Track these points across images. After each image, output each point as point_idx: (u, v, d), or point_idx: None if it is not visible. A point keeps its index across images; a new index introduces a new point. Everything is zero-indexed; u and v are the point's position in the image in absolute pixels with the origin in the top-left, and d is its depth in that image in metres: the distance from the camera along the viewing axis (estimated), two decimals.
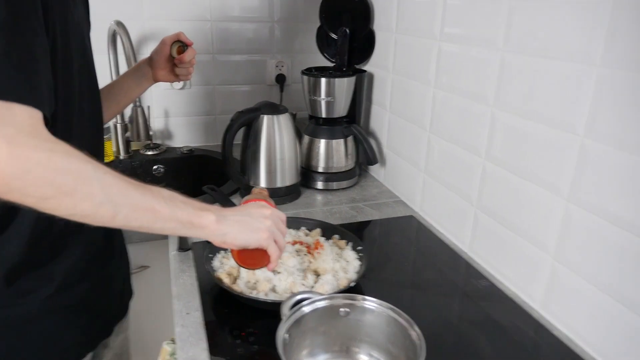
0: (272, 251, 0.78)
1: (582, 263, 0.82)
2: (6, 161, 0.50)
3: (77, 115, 0.77)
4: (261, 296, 0.89)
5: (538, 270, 0.92)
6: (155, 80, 1.12)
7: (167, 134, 1.81)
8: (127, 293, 1.03)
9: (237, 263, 0.81)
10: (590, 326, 0.82)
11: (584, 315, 0.83)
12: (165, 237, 1.21)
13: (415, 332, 0.68)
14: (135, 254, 1.21)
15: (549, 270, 0.90)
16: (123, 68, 1.56)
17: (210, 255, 0.99)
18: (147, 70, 1.11)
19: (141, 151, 1.73)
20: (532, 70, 0.89)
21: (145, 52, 1.64)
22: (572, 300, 0.85)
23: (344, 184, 1.50)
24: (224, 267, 0.97)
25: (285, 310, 0.72)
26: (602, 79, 0.75)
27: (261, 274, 0.93)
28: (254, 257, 0.79)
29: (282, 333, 0.66)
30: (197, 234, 0.70)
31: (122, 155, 1.67)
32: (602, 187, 0.77)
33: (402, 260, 1.11)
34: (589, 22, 0.76)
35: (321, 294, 0.76)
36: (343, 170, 1.49)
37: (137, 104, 1.59)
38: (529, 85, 0.90)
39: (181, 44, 1.08)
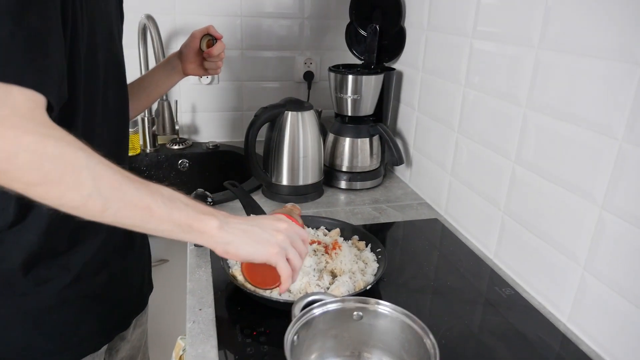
0: (282, 269, 0.68)
1: (614, 275, 0.77)
2: None
3: (101, 106, 0.77)
4: (274, 295, 0.87)
5: (566, 281, 0.87)
6: (185, 74, 1.12)
7: (193, 129, 1.82)
8: (146, 286, 1.03)
9: (244, 278, 0.74)
10: (620, 342, 0.77)
11: (614, 330, 0.78)
12: None
13: (430, 341, 0.64)
14: (155, 247, 1.21)
15: (578, 281, 0.84)
16: (153, 62, 1.57)
17: None
18: (177, 64, 1.11)
19: (167, 145, 1.74)
20: (568, 69, 0.84)
21: (176, 47, 1.64)
22: (602, 314, 0.80)
23: (368, 184, 1.46)
24: (239, 264, 0.95)
25: (296, 311, 0.70)
26: None
27: None
28: (263, 275, 0.72)
29: (290, 335, 0.64)
30: (196, 240, 0.64)
31: (148, 149, 1.69)
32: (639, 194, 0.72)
33: (424, 264, 1.07)
34: (631, 18, 0.71)
35: (334, 296, 0.73)
36: (367, 170, 1.46)
37: (164, 98, 1.60)
38: (565, 85, 0.85)
39: (210, 38, 1.08)
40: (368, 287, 0.88)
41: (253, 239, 0.67)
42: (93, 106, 0.75)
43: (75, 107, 0.70)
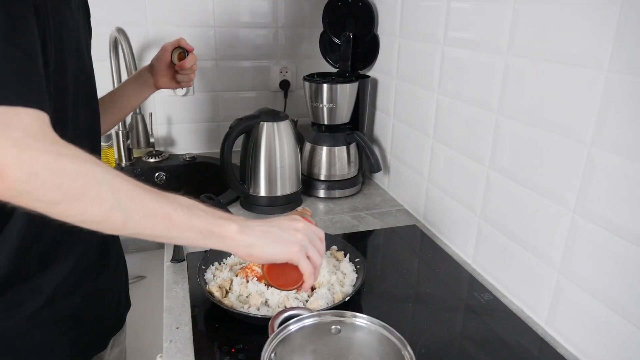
0: (305, 267, 0.70)
1: (588, 278, 0.78)
2: (14, 164, 0.48)
3: (71, 122, 0.76)
4: (252, 310, 0.86)
5: (543, 285, 0.88)
6: (157, 87, 1.11)
7: (169, 141, 1.80)
8: (123, 305, 1.00)
9: (268, 282, 0.74)
10: (597, 344, 0.78)
11: (590, 332, 0.79)
12: (161, 247, 1.19)
13: (408, 353, 0.64)
14: (132, 263, 1.19)
15: (554, 285, 0.85)
16: (125, 75, 1.54)
17: (203, 267, 0.97)
18: (148, 77, 1.09)
19: (143, 158, 1.71)
20: (537, 75, 0.85)
21: (148, 59, 1.61)
22: (578, 317, 0.81)
23: (347, 192, 1.46)
24: (216, 280, 0.94)
25: (273, 327, 0.69)
26: (610, 84, 0.71)
27: (253, 286, 0.90)
28: (286, 276, 0.72)
29: (267, 353, 0.63)
30: (218, 245, 0.65)
31: (124, 163, 1.66)
32: (610, 198, 0.73)
33: (404, 272, 1.07)
34: (596, 25, 0.72)
35: (310, 310, 0.72)
36: (346, 178, 1.46)
37: (137, 111, 1.58)
38: (534, 91, 0.86)
39: (182, 50, 1.07)
40: (347, 299, 0.88)
41: (274, 239, 0.68)
42: (63, 123, 0.73)
43: None
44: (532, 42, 0.85)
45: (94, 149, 0.88)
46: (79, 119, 0.78)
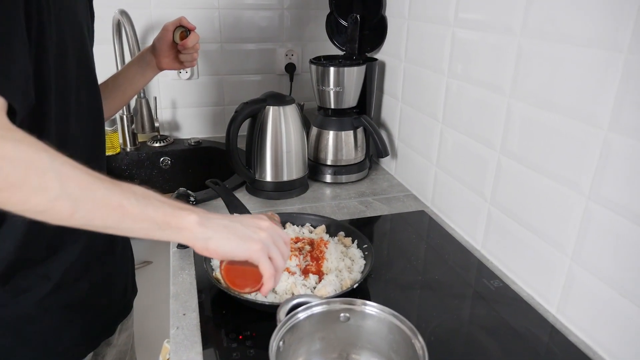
0: (265, 268, 0.65)
1: (601, 265, 0.77)
2: None
3: (74, 108, 0.75)
4: (260, 298, 0.85)
5: (554, 272, 0.86)
6: (160, 69, 1.09)
7: (174, 125, 1.78)
8: (130, 291, 1.01)
9: (224, 282, 0.71)
10: (609, 333, 0.77)
11: (603, 320, 0.78)
12: None
13: (419, 342, 0.63)
14: (138, 249, 1.18)
15: (566, 272, 0.84)
16: (128, 58, 1.52)
17: None
18: (150, 59, 1.07)
19: (148, 143, 1.70)
20: (552, 57, 0.82)
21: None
22: (590, 305, 0.80)
23: (354, 177, 1.45)
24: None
25: (281, 315, 0.68)
26: (629, 67, 0.68)
27: None
28: (244, 276, 0.69)
29: (275, 342, 0.62)
30: (175, 238, 0.61)
31: (129, 147, 1.65)
32: (626, 184, 0.71)
33: (412, 258, 1.06)
34: (616, 4, 0.69)
35: (320, 298, 0.71)
36: (352, 162, 1.44)
37: (142, 95, 1.56)
38: (549, 74, 0.83)
39: (184, 29, 1.04)
40: (355, 286, 0.87)
41: (235, 234, 0.64)
42: (66, 108, 0.72)
43: (46, 110, 0.67)
44: (546, 23, 0.83)
45: (98, 134, 0.87)
46: (82, 104, 0.77)
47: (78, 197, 0.52)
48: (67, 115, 0.73)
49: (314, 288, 0.88)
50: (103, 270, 0.86)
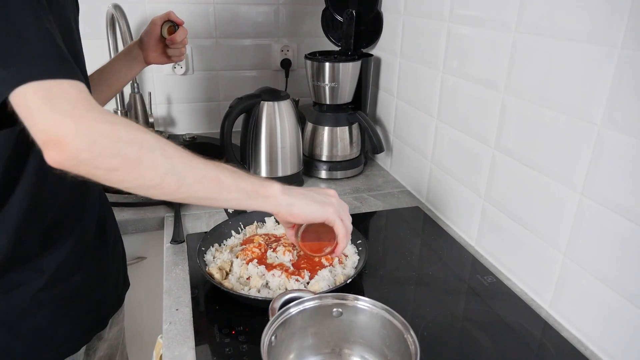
0: (339, 227, 0.73)
1: (595, 261, 0.77)
2: (73, 134, 0.50)
3: None
4: (253, 293, 0.85)
5: (548, 268, 0.86)
6: (147, 63, 1.08)
7: (169, 121, 1.77)
8: (122, 284, 1.00)
9: (300, 248, 0.77)
10: (602, 328, 0.77)
11: (595, 316, 0.78)
12: (161, 228, 1.17)
13: (410, 337, 0.63)
14: (132, 244, 1.18)
15: (559, 268, 0.84)
16: None
17: (203, 248, 0.96)
18: (137, 53, 1.06)
19: None
20: (546, 53, 0.82)
21: None
22: (583, 301, 0.80)
23: (349, 172, 1.44)
24: (216, 262, 0.93)
25: (273, 310, 0.68)
26: (623, 62, 0.68)
27: (253, 268, 0.88)
28: (319, 240, 0.76)
29: (267, 336, 0.62)
30: (262, 205, 0.68)
31: None
32: (619, 180, 0.71)
33: (406, 254, 1.06)
34: (608, 0, 0.69)
35: (312, 293, 0.71)
36: (348, 158, 1.44)
37: (136, 90, 1.55)
38: (543, 70, 0.83)
39: (172, 24, 1.03)
40: (349, 281, 0.86)
41: (313, 200, 0.72)
42: None
43: None
44: (541, 19, 0.82)
45: None
46: None
47: (182, 172, 0.58)
48: None
49: (308, 283, 0.87)
50: (96, 264, 0.86)
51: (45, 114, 0.50)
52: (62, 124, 0.50)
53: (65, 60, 0.55)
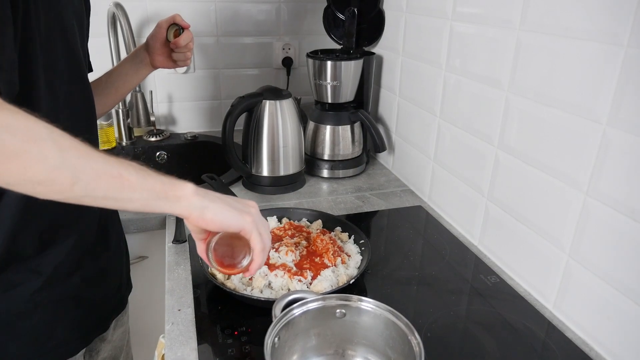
0: (256, 240, 0.66)
1: (599, 261, 0.76)
2: None
3: (65, 101, 0.74)
4: (255, 293, 0.84)
5: (551, 268, 0.86)
6: (154, 67, 1.07)
7: (170, 120, 1.77)
8: (125, 286, 1.00)
9: (209, 263, 0.69)
10: (606, 329, 0.76)
11: (600, 317, 0.77)
12: (163, 227, 1.17)
13: (415, 339, 0.62)
14: (133, 244, 1.18)
15: (563, 268, 0.83)
16: (124, 52, 1.51)
17: None
18: (144, 56, 1.06)
19: (144, 137, 1.69)
20: (550, 51, 0.81)
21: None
22: (587, 301, 0.79)
23: (351, 171, 1.44)
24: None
25: (276, 311, 0.68)
26: (629, 61, 0.67)
27: None
28: (233, 254, 0.68)
29: (270, 338, 0.62)
30: (172, 207, 0.61)
31: (124, 142, 1.64)
32: (625, 180, 0.70)
33: (409, 254, 1.06)
34: None
35: (315, 294, 0.71)
36: (350, 157, 1.44)
37: (137, 89, 1.55)
38: (547, 68, 0.82)
39: (177, 27, 1.03)
40: (352, 281, 0.86)
41: (229, 205, 0.65)
42: (56, 101, 0.71)
43: (35, 101, 0.67)
44: (545, 17, 0.82)
45: (90, 129, 0.86)
46: (72, 95, 0.76)
47: (78, 166, 0.51)
48: (58, 108, 0.72)
49: (310, 284, 0.87)
50: (96, 266, 0.85)
51: None
52: None
53: None
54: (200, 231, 0.68)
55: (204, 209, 0.62)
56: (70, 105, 0.75)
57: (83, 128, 0.82)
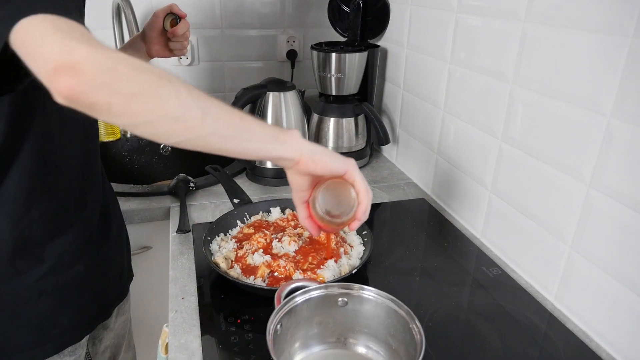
0: (360, 181, 0.68)
1: (601, 253, 0.76)
2: (90, 59, 0.46)
3: None
4: (258, 282, 0.85)
5: (554, 260, 0.86)
6: (150, 56, 1.07)
7: None
8: (126, 275, 1.01)
9: (320, 217, 0.68)
10: (607, 321, 0.77)
11: (601, 309, 0.77)
12: (167, 218, 1.18)
13: (415, 327, 0.63)
14: (137, 234, 1.19)
15: (565, 260, 0.84)
16: None
17: (209, 238, 0.96)
18: (140, 46, 1.06)
19: None
20: (556, 43, 0.81)
21: None
22: (589, 293, 0.79)
23: None
24: (222, 251, 0.93)
25: (279, 299, 0.68)
26: (635, 53, 0.67)
27: (259, 258, 0.89)
28: (339, 202, 0.67)
29: (272, 325, 0.62)
30: (285, 150, 0.63)
31: (129, 133, 1.64)
32: (629, 172, 0.70)
33: (411, 246, 1.06)
34: None
35: (317, 282, 0.71)
36: (353, 150, 1.44)
37: None
38: (552, 60, 0.82)
39: (174, 17, 1.03)
40: (354, 271, 0.86)
41: (331, 152, 0.68)
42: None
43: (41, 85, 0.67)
44: (551, 8, 0.82)
45: (91, 118, 0.86)
46: None
47: (205, 106, 0.54)
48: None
49: (313, 273, 0.87)
50: (98, 255, 0.86)
51: (55, 40, 0.47)
52: (77, 48, 0.46)
53: (68, 7, 0.52)
54: (303, 187, 0.69)
55: (313, 152, 0.65)
56: None
57: (83, 118, 0.82)
